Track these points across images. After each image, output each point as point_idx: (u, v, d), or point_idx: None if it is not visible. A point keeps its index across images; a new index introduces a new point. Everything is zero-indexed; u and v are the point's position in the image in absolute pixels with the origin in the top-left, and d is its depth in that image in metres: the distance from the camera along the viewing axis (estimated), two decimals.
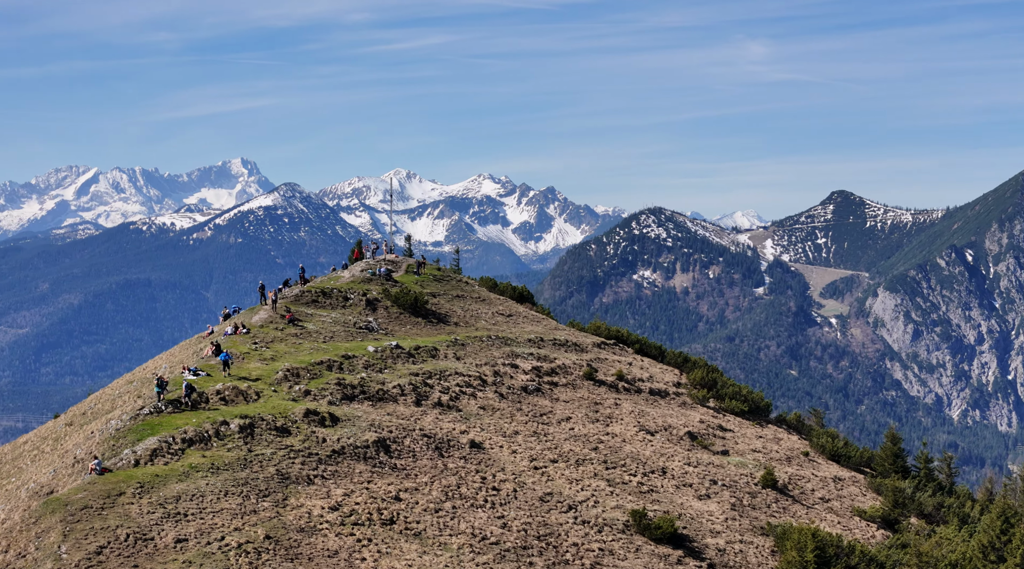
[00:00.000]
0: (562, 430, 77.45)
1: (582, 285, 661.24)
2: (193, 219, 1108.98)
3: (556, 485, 66.45)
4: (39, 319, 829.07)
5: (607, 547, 60.22)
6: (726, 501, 73.97)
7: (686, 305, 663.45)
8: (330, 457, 60.17)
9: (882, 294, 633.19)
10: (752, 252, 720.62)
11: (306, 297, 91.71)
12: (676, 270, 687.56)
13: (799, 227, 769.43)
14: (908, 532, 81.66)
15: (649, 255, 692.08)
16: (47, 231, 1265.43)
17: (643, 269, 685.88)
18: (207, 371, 69.39)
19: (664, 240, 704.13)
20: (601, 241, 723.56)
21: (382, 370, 76.52)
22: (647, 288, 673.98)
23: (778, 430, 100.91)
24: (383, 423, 66.31)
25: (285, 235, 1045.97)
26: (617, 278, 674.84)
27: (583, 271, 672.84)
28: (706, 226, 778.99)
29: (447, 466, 64.10)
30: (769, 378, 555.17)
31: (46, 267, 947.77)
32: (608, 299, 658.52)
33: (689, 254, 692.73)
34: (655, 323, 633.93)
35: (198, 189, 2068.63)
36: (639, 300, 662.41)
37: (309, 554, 49.85)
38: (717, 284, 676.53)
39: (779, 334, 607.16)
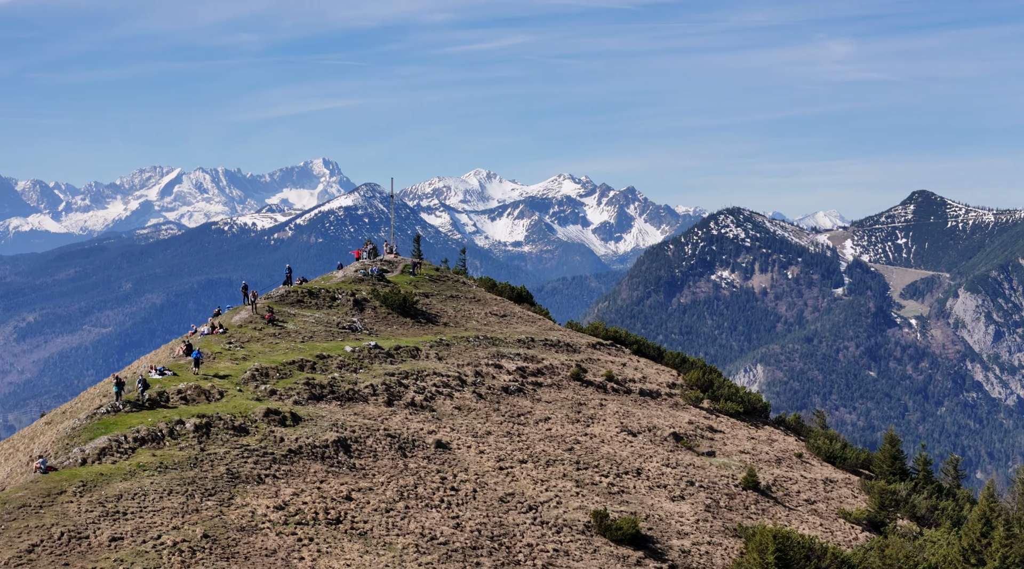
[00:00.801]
0: (538, 431, 77.03)
1: (659, 285, 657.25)
2: (274, 219, 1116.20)
3: (520, 486, 66.04)
4: (122, 318, 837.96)
5: (563, 548, 59.75)
6: (701, 502, 73.24)
7: (764, 306, 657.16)
8: (286, 457, 60.12)
9: (963, 295, 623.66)
10: (831, 252, 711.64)
11: (292, 297, 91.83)
12: (755, 270, 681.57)
13: (879, 227, 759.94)
14: (893, 534, 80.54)
15: (727, 255, 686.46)
16: (131, 231, 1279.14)
17: (721, 269, 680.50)
18: (174, 370, 69.57)
19: (743, 240, 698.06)
20: (679, 241, 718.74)
21: (357, 370, 76.44)
22: (725, 288, 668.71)
23: (774, 431, 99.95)
24: (347, 423, 66.21)
25: (365, 235, 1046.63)
26: (695, 279, 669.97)
27: (661, 271, 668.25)
28: (785, 226, 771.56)
29: (408, 466, 63.88)
30: (847, 379, 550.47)
31: (129, 267, 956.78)
32: (686, 300, 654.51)
33: (768, 254, 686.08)
34: (733, 324, 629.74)
35: (280, 189, 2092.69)
36: (717, 301, 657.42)
37: (246, 553, 49.77)
38: (796, 284, 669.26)
39: (858, 335, 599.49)
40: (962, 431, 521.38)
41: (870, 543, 75.94)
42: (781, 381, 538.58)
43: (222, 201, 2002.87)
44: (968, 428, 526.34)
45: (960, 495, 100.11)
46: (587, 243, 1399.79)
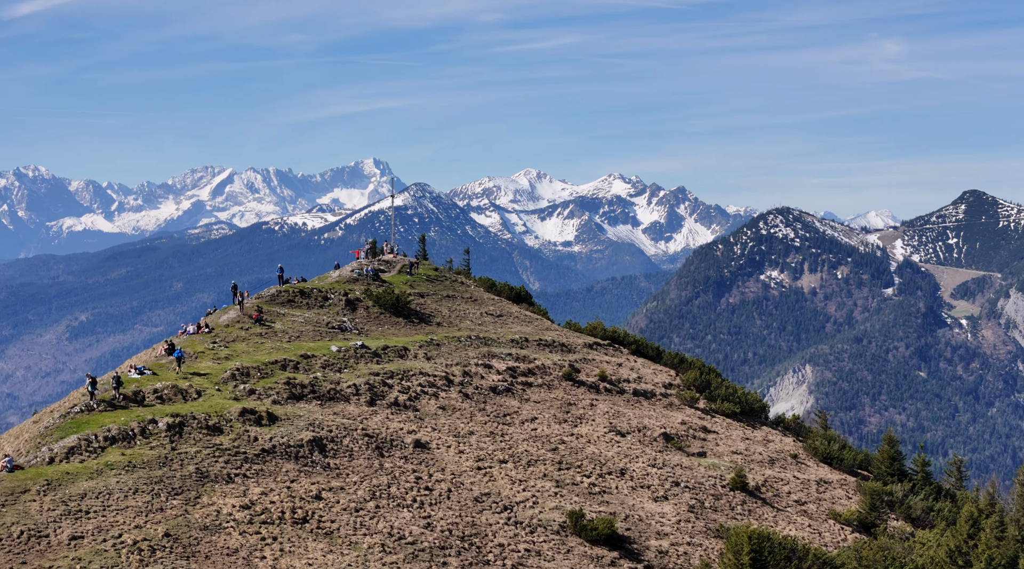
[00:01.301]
0: (523, 431, 76.77)
1: (708, 285, 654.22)
2: (324, 219, 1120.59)
3: (497, 486, 65.81)
4: (173, 318, 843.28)
5: (536, 548, 59.49)
6: (684, 503, 72.81)
7: (814, 306, 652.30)
8: (258, 456, 60.12)
9: (1015, 295, 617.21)
10: (881, 252, 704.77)
11: (283, 297, 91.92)
12: (804, 270, 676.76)
13: (930, 227, 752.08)
14: (883, 536, 79.87)
15: (777, 255, 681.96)
16: (182, 231, 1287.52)
17: (770, 269, 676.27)
18: (154, 370, 69.72)
19: (792, 240, 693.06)
20: (728, 241, 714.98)
21: (341, 370, 76.40)
22: (774, 288, 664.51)
23: (772, 432, 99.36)
24: (325, 423, 66.15)
25: (415, 235, 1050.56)
26: (744, 279, 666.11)
27: (709, 271, 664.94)
28: (834, 226, 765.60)
29: (383, 466, 63.76)
30: (897, 379, 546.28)
31: (181, 266, 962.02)
32: (735, 299, 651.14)
33: (817, 254, 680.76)
34: (782, 324, 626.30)
35: (331, 189, 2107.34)
36: (766, 300, 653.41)
37: (207, 552, 49.74)
38: (845, 284, 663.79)
39: (908, 335, 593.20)
40: (1013, 432, 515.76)
41: (856, 544, 75.32)
42: (830, 381, 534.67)
43: (273, 201, 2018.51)
44: (1020, 429, 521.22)
45: (960, 497, 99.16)
46: (637, 243, 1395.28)
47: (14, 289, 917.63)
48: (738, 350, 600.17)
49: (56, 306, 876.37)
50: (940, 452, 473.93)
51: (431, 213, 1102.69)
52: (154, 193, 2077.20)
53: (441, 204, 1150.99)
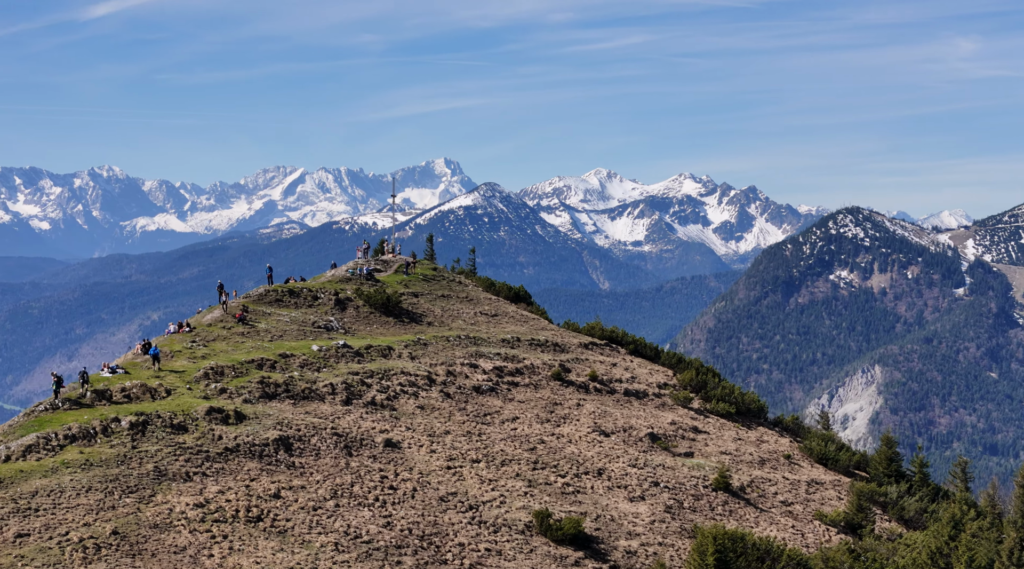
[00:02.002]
0: (503, 430, 76.45)
1: (777, 285, 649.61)
2: (394, 218, 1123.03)
3: (465, 485, 65.54)
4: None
5: (497, 548, 59.19)
6: (662, 503, 72.26)
7: (883, 306, 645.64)
8: (221, 454, 60.15)
9: None
10: (952, 252, 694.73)
11: (271, 296, 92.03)
12: (873, 270, 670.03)
13: (1002, 226, 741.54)
14: (869, 537, 79.02)
15: (846, 255, 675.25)
16: (254, 230, 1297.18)
17: (840, 269, 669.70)
18: (127, 368, 69.98)
19: (861, 240, 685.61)
20: (797, 241, 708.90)
21: (320, 369, 76.37)
22: (843, 288, 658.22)
23: (768, 432, 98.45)
24: (294, 422, 66.12)
25: (484, 234, 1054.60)
26: (813, 278, 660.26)
27: (778, 271, 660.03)
28: (905, 226, 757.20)
29: (350, 465, 63.64)
30: (967, 380, 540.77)
31: (251, 266, 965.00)
32: (804, 299, 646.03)
33: (887, 254, 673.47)
34: (851, 324, 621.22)
35: (402, 189, 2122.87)
36: (835, 300, 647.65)
37: (154, 550, 49.80)
38: (915, 284, 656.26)
39: (979, 336, 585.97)
40: None
41: (836, 545, 74.49)
42: (899, 382, 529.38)
43: (344, 201, 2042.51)
44: None
45: (959, 498, 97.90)
46: (707, 242, 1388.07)
47: (88, 288, 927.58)
48: (807, 350, 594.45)
49: (129, 305, 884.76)
50: (1012, 454, 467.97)
51: (500, 213, 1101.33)
52: (226, 193, 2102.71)
53: (511, 204, 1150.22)
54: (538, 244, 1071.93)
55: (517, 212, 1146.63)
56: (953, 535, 73.19)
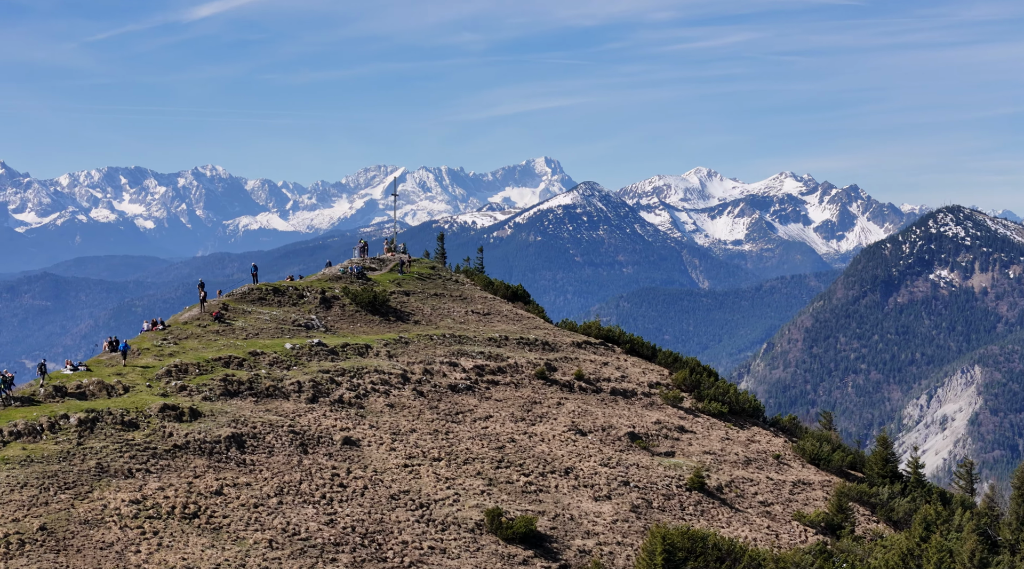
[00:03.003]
0: (472, 429, 76.01)
1: (876, 285, 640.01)
2: (493, 217, 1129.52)
3: (420, 483, 65.19)
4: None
5: (442, 546, 58.81)
6: (628, 502, 71.52)
7: (984, 306, 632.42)
8: (168, 451, 60.21)
9: None
10: None
11: (254, 295, 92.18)
12: (974, 270, 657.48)
13: None
14: (848, 538, 77.77)
15: (946, 254, 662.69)
16: (355, 229, 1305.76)
17: (939, 269, 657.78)
18: (90, 366, 70.35)
19: (962, 239, 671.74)
20: (896, 240, 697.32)
21: (290, 367, 76.34)
22: (943, 288, 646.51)
23: (761, 432, 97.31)
24: (251, 419, 66.09)
25: (584, 233, 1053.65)
26: (912, 278, 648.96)
27: (877, 270, 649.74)
28: (1007, 225, 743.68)
29: (302, 463, 63.51)
30: None
31: None
32: (903, 299, 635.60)
33: (988, 253, 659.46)
34: (951, 324, 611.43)
35: (502, 188, 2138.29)
36: (935, 300, 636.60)
37: (80, 546, 49.92)
38: (1018, 284, 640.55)
39: None
40: None
41: (808, 547, 73.38)
42: (999, 383, 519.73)
43: (445, 200, 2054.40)
44: None
45: (956, 500, 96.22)
46: (808, 241, 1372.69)
47: (191, 287, 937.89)
48: (905, 350, 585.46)
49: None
50: None
51: (600, 212, 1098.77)
52: (328, 192, 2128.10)
53: (610, 202, 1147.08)
54: (637, 243, 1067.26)
55: (616, 211, 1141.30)
56: (925, 536, 71.90)
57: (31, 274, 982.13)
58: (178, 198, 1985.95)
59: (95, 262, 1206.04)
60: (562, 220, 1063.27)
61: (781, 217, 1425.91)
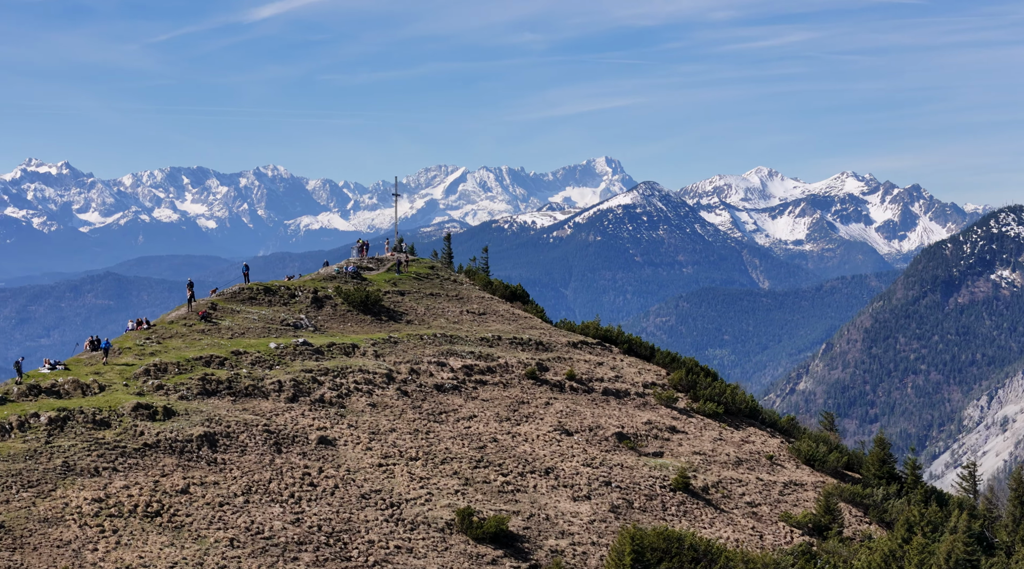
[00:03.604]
0: (454, 429, 75.77)
1: (936, 285, 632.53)
2: (553, 217, 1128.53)
3: (393, 483, 65.03)
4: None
5: (409, 545, 58.64)
6: (608, 503, 71.13)
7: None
8: (138, 450, 60.27)
9: None
10: None
11: (244, 294, 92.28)
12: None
13: None
14: (834, 539, 77.05)
15: (1008, 254, 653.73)
16: (415, 229, 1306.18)
17: (1001, 269, 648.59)
18: (68, 365, 70.59)
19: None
20: (957, 240, 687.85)
21: (272, 366, 76.32)
22: (1005, 288, 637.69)
23: (757, 433, 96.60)
24: (226, 418, 66.10)
25: (643, 233, 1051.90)
26: (973, 278, 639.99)
27: (937, 271, 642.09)
28: None
29: (274, 462, 63.47)
30: None
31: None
32: (964, 299, 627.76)
33: None
34: (1012, 324, 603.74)
35: (563, 188, 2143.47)
36: (996, 301, 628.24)
37: (37, 544, 50.05)
38: None
39: None
40: None
41: (792, 548, 72.75)
42: None
43: (505, 199, 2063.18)
44: None
45: (953, 501, 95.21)
46: (869, 241, 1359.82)
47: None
48: (966, 351, 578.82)
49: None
50: None
51: (659, 211, 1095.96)
52: (388, 192, 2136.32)
53: (670, 202, 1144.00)
54: (697, 243, 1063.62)
55: (676, 211, 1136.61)
56: (907, 538, 71.18)
57: (94, 273, 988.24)
58: (240, 198, 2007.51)
59: (157, 262, 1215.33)
60: (622, 220, 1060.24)
61: (842, 217, 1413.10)
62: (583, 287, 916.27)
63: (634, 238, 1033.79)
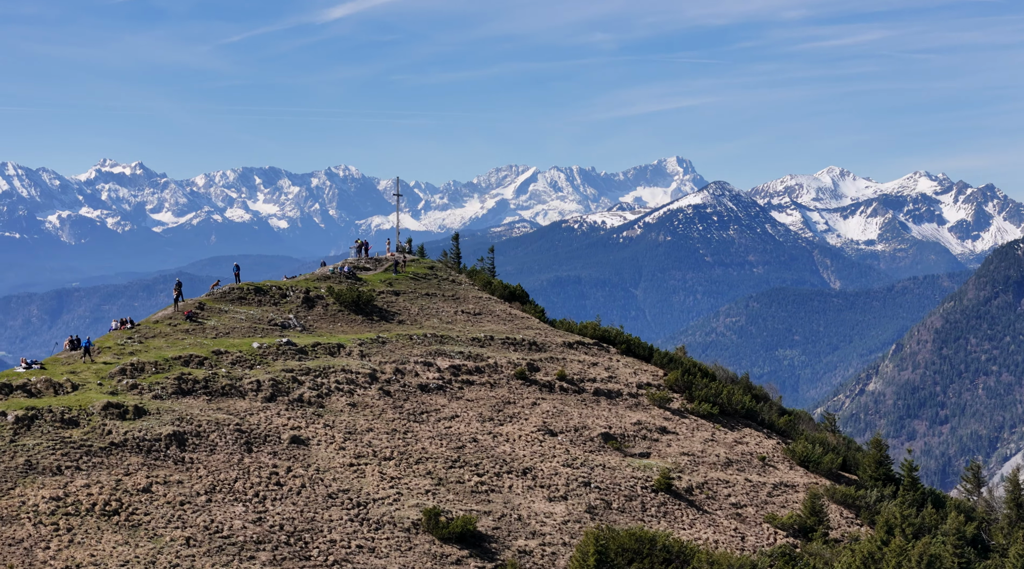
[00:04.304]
0: (434, 429, 75.51)
1: (1008, 285, 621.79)
2: (623, 217, 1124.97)
3: (362, 482, 64.86)
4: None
5: (372, 545, 58.48)
6: (585, 503, 70.69)
7: None
8: (104, 449, 60.38)
9: None
10: None
11: (234, 294, 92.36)
12: None
13: None
14: (818, 540, 76.24)
15: None
16: (485, 229, 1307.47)
17: None
18: (45, 364, 70.91)
19: None
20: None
21: (253, 366, 76.35)
22: None
23: (753, 434, 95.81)
24: (197, 417, 66.12)
25: (714, 233, 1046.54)
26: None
27: (1010, 271, 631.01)
28: None
29: (243, 461, 63.44)
30: None
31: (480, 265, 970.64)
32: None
33: None
34: None
35: (633, 188, 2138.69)
36: None
37: None
38: None
39: None
40: None
41: (772, 549, 71.98)
42: None
43: (576, 199, 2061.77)
44: None
45: (950, 503, 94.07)
46: (942, 242, 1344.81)
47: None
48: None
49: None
50: None
51: (730, 211, 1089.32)
52: (459, 192, 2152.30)
53: (740, 202, 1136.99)
54: (768, 243, 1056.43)
55: (747, 210, 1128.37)
56: (886, 539, 70.37)
57: (167, 273, 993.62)
58: (311, 198, 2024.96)
59: (229, 261, 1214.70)
60: (692, 220, 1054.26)
61: (915, 217, 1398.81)
62: (652, 287, 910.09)
63: (704, 238, 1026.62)
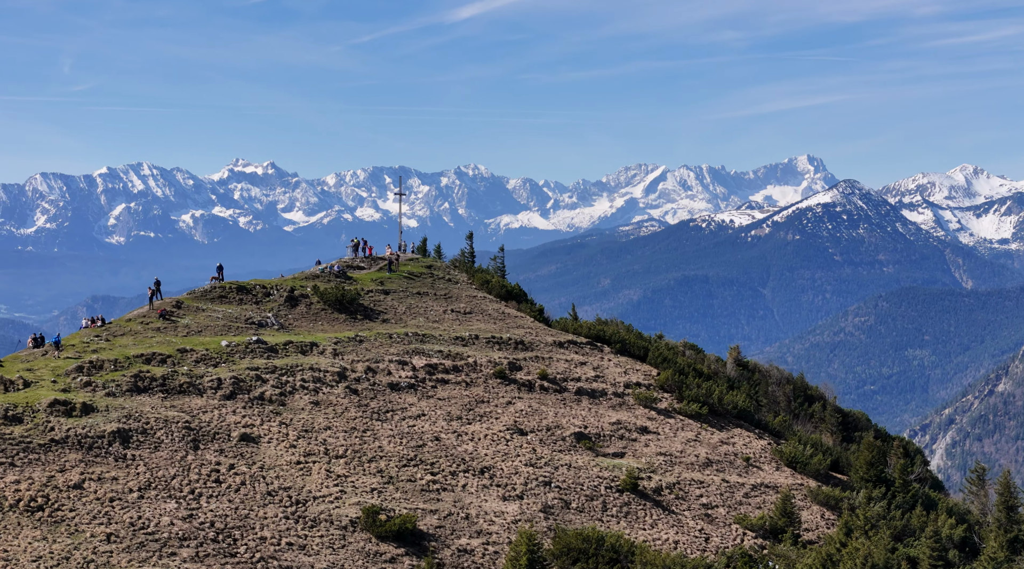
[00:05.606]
0: (396, 427, 75.13)
1: None
2: (751, 216, 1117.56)
3: (307, 480, 64.63)
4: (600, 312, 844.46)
5: (303, 542, 58.24)
6: (541, 503, 70.00)
7: None
8: (43, 446, 60.66)
9: None
10: None
11: (215, 293, 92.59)
12: None
13: None
14: (787, 542, 74.85)
15: None
16: (614, 228, 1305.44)
17: None
18: (3, 362, 71.46)
19: None
20: None
21: (217, 364, 76.44)
22: None
23: (743, 434, 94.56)
24: (146, 415, 66.26)
25: (843, 232, 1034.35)
26: None
27: None
28: None
29: (186, 458, 63.46)
30: None
31: (608, 263, 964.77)
32: None
33: None
34: None
35: (763, 186, 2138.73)
36: None
37: None
38: None
39: None
40: None
41: (731, 551, 70.71)
42: None
43: (705, 198, 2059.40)
44: None
45: (942, 505, 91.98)
46: None
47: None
48: None
49: None
50: None
51: (860, 210, 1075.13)
52: (588, 191, 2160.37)
53: (871, 201, 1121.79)
54: (898, 242, 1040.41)
55: (877, 209, 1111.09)
56: (844, 541, 68.87)
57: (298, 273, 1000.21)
58: (441, 197, 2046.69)
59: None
60: (821, 218, 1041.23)
61: None
62: (781, 286, 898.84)
63: (833, 237, 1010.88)
